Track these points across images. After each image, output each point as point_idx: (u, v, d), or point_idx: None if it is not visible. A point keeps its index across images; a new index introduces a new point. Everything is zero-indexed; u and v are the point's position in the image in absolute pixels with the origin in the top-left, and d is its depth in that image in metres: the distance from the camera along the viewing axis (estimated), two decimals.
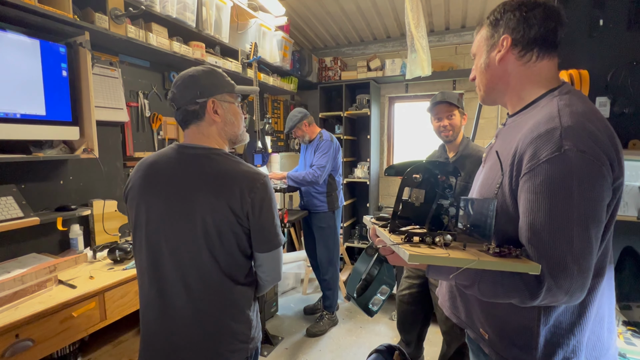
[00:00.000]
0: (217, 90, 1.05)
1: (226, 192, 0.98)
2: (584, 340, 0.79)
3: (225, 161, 1.03)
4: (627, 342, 1.26)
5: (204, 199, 0.98)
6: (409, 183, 0.82)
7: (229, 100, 1.08)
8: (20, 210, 1.53)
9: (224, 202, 0.97)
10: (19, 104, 1.47)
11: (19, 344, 1.18)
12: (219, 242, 0.99)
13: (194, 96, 1.02)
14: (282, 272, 1.15)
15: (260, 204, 1.00)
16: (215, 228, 0.98)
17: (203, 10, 2.37)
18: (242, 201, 0.98)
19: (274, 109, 3.93)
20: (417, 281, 2.05)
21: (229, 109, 1.08)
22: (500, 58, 0.86)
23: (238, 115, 1.11)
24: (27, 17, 1.47)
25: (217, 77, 1.06)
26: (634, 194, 1.38)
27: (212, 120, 1.05)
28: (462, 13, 3.26)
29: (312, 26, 3.66)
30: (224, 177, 1.00)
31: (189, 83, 1.02)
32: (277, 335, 2.73)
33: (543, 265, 0.68)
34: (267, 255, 1.06)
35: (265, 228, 1.03)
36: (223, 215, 0.98)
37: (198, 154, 1.03)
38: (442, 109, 1.90)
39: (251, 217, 1.00)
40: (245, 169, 1.02)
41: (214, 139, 1.07)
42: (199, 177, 1.00)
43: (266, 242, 1.04)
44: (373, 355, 1.55)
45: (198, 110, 1.03)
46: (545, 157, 0.70)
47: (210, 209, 0.98)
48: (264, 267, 1.08)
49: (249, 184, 0.99)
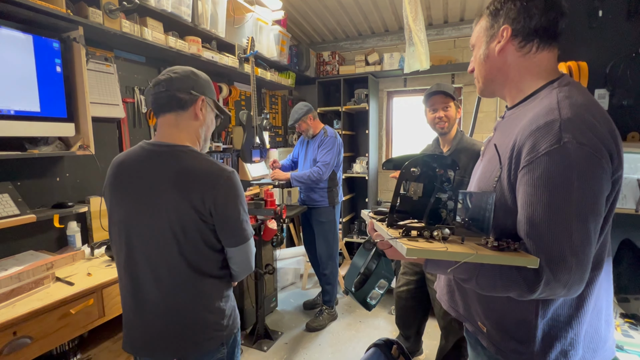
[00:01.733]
0: (209, 93, 1.13)
1: (188, 189, 1.00)
2: (582, 333, 0.79)
3: (190, 158, 1.05)
4: (624, 335, 1.26)
5: (167, 196, 1.01)
6: (407, 177, 0.81)
7: (212, 106, 1.16)
8: (16, 207, 1.52)
9: (186, 199, 1.00)
10: (12, 100, 1.45)
11: (17, 341, 1.18)
12: (184, 238, 1.02)
13: (191, 87, 1.06)
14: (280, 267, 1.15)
15: (223, 201, 1.02)
16: (180, 225, 1.01)
17: (199, 5, 2.34)
18: (204, 198, 1.00)
19: (272, 104, 3.91)
20: (414, 277, 2.05)
21: (210, 114, 1.16)
22: (500, 49, 0.84)
23: (213, 124, 1.19)
24: (19, 11, 1.45)
25: (211, 84, 1.16)
26: (632, 186, 1.38)
27: (195, 115, 1.09)
28: (460, 6, 3.23)
29: (310, 20, 3.63)
30: (186, 175, 1.02)
31: (192, 76, 1.08)
32: (276, 330, 2.74)
33: (541, 259, 0.67)
34: (235, 250, 1.08)
35: (230, 224, 1.06)
36: (186, 213, 1.00)
37: (163, 152, 1.05)
38: (437, 100, 1.88)
39: (214, 214, 1.02)
40: (209, 166, 1.04)
41: (188, 134, 1.10)
42: (164, 174, 1.02)
43: (233, 237, 1.07)
44: (372, 349, 1.55)
45: (187, 100, 1.06)
46: (544, 150, 0.69)
47: (173, 206, 1.00)
48: (234, 259, 1.11)
49: (211, 180, 1.02)
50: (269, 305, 3.00)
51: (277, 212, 2.37)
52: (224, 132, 3.04)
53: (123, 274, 1.09)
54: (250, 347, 2.53)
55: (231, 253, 1.09)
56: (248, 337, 2.62)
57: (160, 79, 1.06)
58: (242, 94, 3.31)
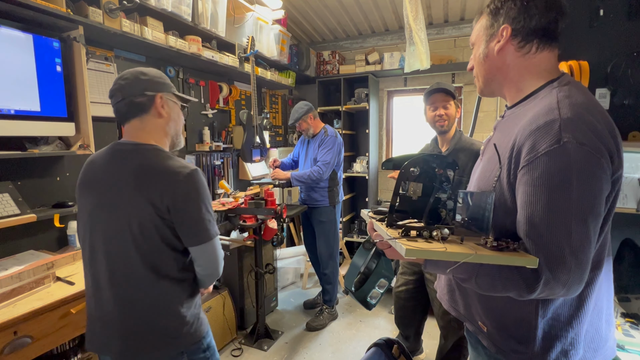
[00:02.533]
0: (165, 88, 1.09)
1: (146, 186, 0.99)
2: (582, 333, 0.79)
3: (152, 155, 1.04)
4: (625, 334, 1.26)
5: (126, 193, 1.00)
6: (407, 176, 0.81)
7: (173, 100, 1.13)
8: (16, 207, 1.52)
9: (144, 197, 0.99)
10: (12, 100, 1.45)
11: (18, 340, 1.18)
12: (142, 237, 1.00)
13: (144, 88, 1.05)
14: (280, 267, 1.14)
15: (182, 197, 1.00)
16: (137, 222, 1.00)
17: (199, 4, 2.34)
18: (161, 195, 0.99)
19: (272, 104, 3.91)
20: (413, 277, 2.05)
21: (174, 107, 1.13)
22: (500, 48, 0.84)
23: (180, 116, 1.16)
24: (19, 11, 1.45)
25: (165, 78, 1.12)
26: (633, 185, 1.38)
27: (158, 114, 1.08)
28: (460, 5, 3.23)
29: (310, 19, 3.62)
30: (145, 172, 1.01)
31: (139, 76, 1.06)
32: (277, 330, 2.74)
33: (541, 259, 0.67)
34: (197, 249, 1.05)
35: (190, 222, 1.03)
36: (144, 210, 0.99)
37: (128, 150, 1.05)
38: (438, 98, 1.88)
39: (173, 211, 1.00)
40: (169, 163, 1.03)
41: (155, 135, 1.09)
42: (125, 172, 1.02)
43: (193, 236, 1.04)
44: (372, 349, 1.55)
45: (145, 102, 1.05)
46: (544, 150, 0.69)
47: (132, 203, 1.00)
48: (198, 261, 1.08)
49: (170, 177, 1.00)
50: (269, 305, 3.00)
51: (278, 212, 2.37)
52: (224, 131, 3.04)
53: (87, 272, 1.09)
54: (251, 347, 2.53)
55: (193, 253, 1.07)
56: (248, 337, 2.62)
57: (113, 89, 1.06)
58: (243, 94, 3.30)
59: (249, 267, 2.70)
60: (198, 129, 2.80)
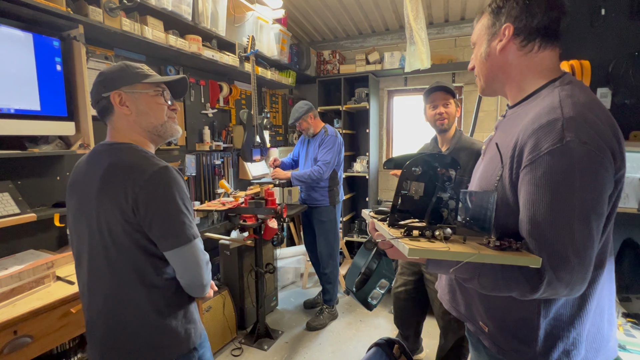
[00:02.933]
0: (124, 82, 1.00)
1: (111, 187, 0.94)
2: (584, 333, 0.79)
3: (122, 154, 0.98)
4: (626, 334, 1.26)
5: (94, 197, 0.95)
6: (408, 176, 0.81)
7: (140, 90, 1.02)
8: (16, 206, 1.52)
9: (109, 199, 0.93)
10: (12, 99, 1.45)
11: (18, 340, 1.18)
12: (113, 242, 0.95)
13: (100, 90, 1.00)
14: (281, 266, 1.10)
15: (148, 197, 0.92)
16: (107, 228, 0.94)
17: (199, 3, 2.33)
18: (126, 195, 0.92)
19: (272, 103, 3.91)
20: (412, 277, 2.05)
21: (141, 99, 1.02)
22: (502, 47, 0.84)
23: (154, 105, 1.04)
24: (19, 10, 1.44)
25: (126, 69, 1.01)
26: (634, 185, 1.37)
27: (121, 113, 1.01)
28: (461, 5, 3.22)
29: (310, 19, 3.62)
30: (112, 171, 0.95)
31: (97, 79, 1.01)
32: (277, 329, 2.74)
33: (544, 258, 0.67)
34: (172, 254, 0.96)
35: (160, 223, 0.94)
36: (111, 214, 0.93)
37: (101, 150, 1.01)
38: (438, 96, 1.87)
39: (138, 213, 0.92)
40: (136, 161, 0.95)
41: (129, 133, 1.03)
42: (95, 174, 0.97)
43: (166, 239, 0.95)
44: (373, 349, 1.55)
45: (106, 104, 1.00)
46: (546, 149, 0.69)
47: (99, 207, 0.95)
48: (176, 267, 0.99)
49: (135, 176, 0.93)
50: (269, 304, 3.00)
51: (278, 211, 2.37)
52: (224, 131, 3.04)
53: (77, 275, 1.07)
54: (251, 346, 2.53)
55: (169, 258, 0.97)
56: (248, 336, 2.62)
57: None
58: (243, 93, 3.30)
59: (249, 266, 2.69)
60: (198, 128, 2.80)
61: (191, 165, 2.72)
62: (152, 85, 1.04)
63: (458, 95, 3.76)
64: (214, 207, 2.46)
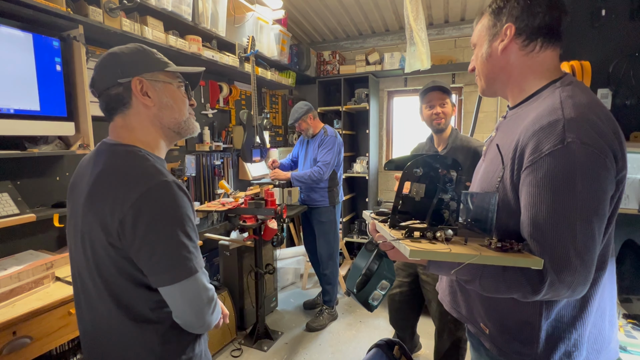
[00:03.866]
0: (146, 68, 0.84)
1: (98, 199, 0.77)
2: (586, 334, 0.79)
3: (119, 159, 0.81)
4: (627, 335, 1.26)
5: (82, 206, 0.80)
6: (409, 177, 0.80)
7: (163, 79, 0.87)
8: (15, 207, 1.51)
9: (94, 213, 0.77)
10: (12, 99, 1.45)
11: (17, 341, 1.18)
12: (96, 265, 0.79)
13: (115, 75, 0.82)
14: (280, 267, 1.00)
15: (138, 220, 0.74)
16: (90, 246, 0.79)
17: (199, 3, 2.33)
18: (112, 214, 0.74)
19: (272, 104, 3.90)
20: (407, 279, 2.04)
21: (165, 90, 0.87)
22: (503, 48, 0.84)
23: (178, 98, 0.90)
24: (19, 10, 1.44)
25: (146, 53, 0.86)
26: (635, 186, 1.37)
27: (141, 105, 0.85)
28: (461, 6, 3.22)
29: (310, 20, 3.62)
30: (101, 181, 0.78)
31: (109, 61, 0.83)
32: (277, 330, 2.73)
33: (545, 260, 0.67)
34: (167, 291, 0.78)
35: (150, 255, 0.75)
36: (94, 231, 0.77)
37: (100, 150, 0.85)
38: (434, 96, 1.87)
39: (124, 238, 0.75)
40: (130, 171, 0.78)
41: (142, 131, 0.87)
42: (89, 179, 0.81)
43: (158, 273, 0.76)
44: (373, 350, 1.54)
45: (122, 93, 0.83)
46: (547, 150, 0.69)
47: (84, 219, 0.80)
48: (170, 304, 0.80)
49: (125, 191, 0.75)
50: (269, 305, 3.00)
51: (278, 212, 2.37)
52: (224, 131, 3.04)
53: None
54: (251, 347, 2.53)
55: (163, 293, 0.79)
56: (248, 337, 2.61)
57: (90, 85, 0.87)
58: (243, 94, 3.30)
59: (248, 267, 2.69)
60: None
61: (191, 166, 2.72)
62: (174, 76, 0.90)
63: (458, 96, 3.76)
64: (214, 207, 2.46)
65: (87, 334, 0.88)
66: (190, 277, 0.78)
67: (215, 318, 0.88)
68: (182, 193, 0.80)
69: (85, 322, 0.87)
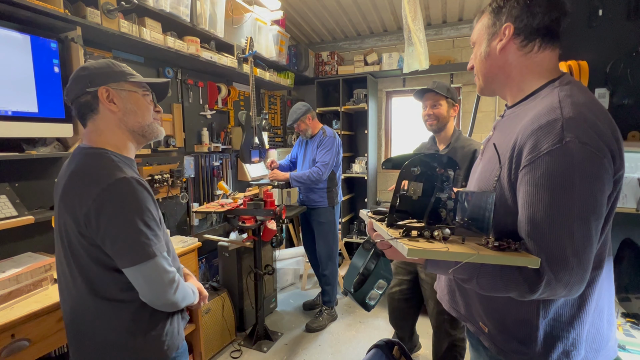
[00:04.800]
0: (111, 79, 0.97)
1: (70, 195, 0.90)
2: (584, 333, 0.79)
3: (87, 160, 0.93)
4: (626, 334, 1.26)
5: (58, 202, 0.94)
6: (407, 176, 0.80)
7: (128, 88, 0.99)
8: (14, 209, 1.51)
9: (67, 207, 0.90)
10: (10, 101, 1.45)
11: (15, 343, 1.17)
12: (72, 254, 0.92)
13: (84, 85, 0.94)
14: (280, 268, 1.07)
15: (99, 212, 0.86)
16: (66, 235, 0.92)
17: (197, 5, 2.33)
18: (80, 207, 0.87)
19: (271, 105, 3.91)
20: (407, 277, 2.04)
21: (129, 97, 0.99)
22: (502, 47, 0.84)
23: (141, 105, 1.02)
24: (16, 11, 1.44)
25: (113, 66, 0.99)
26: (633, 185, 1.38)
27: (108, 110, 0.96)
28: (459, 6, 3.23)
29: (309, 20, 3.62)
30: (72, 179, 0.91)
31: (79, 74, 0.96)
32: (276, 331, 2.73)
33: (542, 259, 0.67)
34: (130, 272, 0.90)
35: (113, 240, 0.88)
36: (68, 225, 0.91)
37: (73, 154, 0.98)
38: (428, 97, 1.89)
39: (90, 227, 0.88)
40: (94, 171, 0.90)
41: (110, 134, 0.98)
42: (64, 178, 0.94)
43: (120, 257, 0.89)
44: (372, 350, 1.54)
45: (91, 101, 0.95)
46: (546, 149, 0.69)
47: (60, 214, 0.93)
48: (135, 285, 0.92)
49: (89, 187, 0.88)
50: (268, 306, 2.99)
51: (277, 213, 2.37)
52: (222, 132, 3.04)
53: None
54: (250, 348, 2.52)
55: (127, 275, 0.91)
56: (248, 338, 2.61)
57: (65, 93, 0.99)
58: (241, 94, 3.30)
59: (248, 268, 2.69)
60: (197, 130, 2.79)
61: (190, 167, 2.71)
62: (139, 86, 1.02)
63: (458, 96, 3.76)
64: (213, 208, 2.46)
65: (67, 316, 0.99)
66: (150, 260, 0.90)
67: (182, 297, 1.00)
68: (141, 188, 0.92)
69: (66, 306, 0.99)
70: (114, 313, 0.94)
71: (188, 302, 1.05)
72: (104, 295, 0.93)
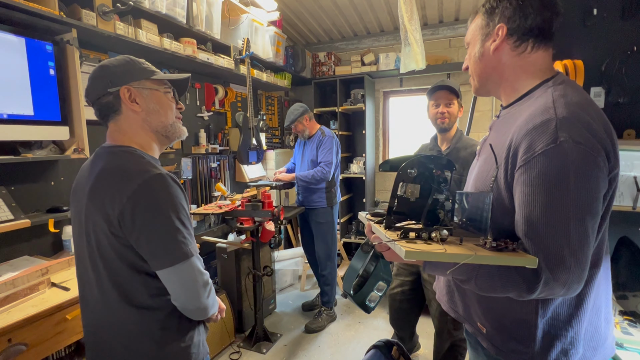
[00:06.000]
0: (133, 77, 0.92)
1: (100, 194, 0.85)
2: (582, 332, 0.79)
3: (117, 158, 0.89)
4: (623, 332, 1.26)
5: (85, 202, 0.88)
6: (404, 178, 0.80)
7: (150, 87, 0.95)
8: (10, 212, 1.50)
9: (96, 208, 0.85)
10: (5, 104, 1.44)
11: (13, 348, 1.16)
12: (101, 256, 0.87)
13: (105, 85, 0.90)
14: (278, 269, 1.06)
15: (135, 210, 0.82)
16: (95, 239, 0.87)
17: (193, 6, 2.33)
18: (112, 205, 0.83)
19: (268, 106, 3.90)
20: (409, 278, 2.04)
21: (151, 96, 0.95)
22: (495, 48, 0.84)
23: (164, 104, 0.97)
24: (11, 14, 1.43)
25: (133, 64, 0.94)
26: (629, 184, 1.38)
27: (130, 111, 0.93)
28: (455, 6, 3.24)
29: (305, 21, 3.62)
30: (101, 177, 0.87)
31: (99, 73, 0.92)
32: (275, 332, 2.73)
33: (540, 259, 0.67)
34: (165, 273, 0.86)
35: (150, 239, 0.84)
36: (98, 224, 0.86)
37: (99, 153, 0.94)
38: (442, 95, 1.88)
39: (124, 226, 0.83)
40: (127, 166, 0.87)
41: (133, 134, 0.95)
42: (89, 179, 0.89)
43: (155, 257, 0.85)
44: (372, 351, 1.54)
45: (112, 101, 0.91)
46: (540, 149, 0.69)
47: (88, 217, 0.88)
48: (168, 287, 0.88)
49: (123, 184, 0.83)
50: (267, 307, 2.99)
51: (275, 214, 2.36)
52: (220, 133, 3.03)
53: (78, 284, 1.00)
54: (249, 350, 2.52)
55: (161, 277, 0.87)
56: (247, 340, 2.60)
57: (84, 94, 0.96)
58: (238, 96, 3.29)
59: (246, 269, 2.68)
60: (194, 131, 2.79)
61: (187, 169, 2.71)
62: (161, 83, 0.97)
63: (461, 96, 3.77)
64: (211, 210, 2.45)
65: (89, 323, 0.95)
66: (186, 260, 0.87)
67: (212, 303, 0.96)
68: (175, 184, 0.89)
69: (90, 314, 0.94)
70: (142, 321, 0.89)
71: (214, 311, 0.99)
72: (133, 301, 0.88)
